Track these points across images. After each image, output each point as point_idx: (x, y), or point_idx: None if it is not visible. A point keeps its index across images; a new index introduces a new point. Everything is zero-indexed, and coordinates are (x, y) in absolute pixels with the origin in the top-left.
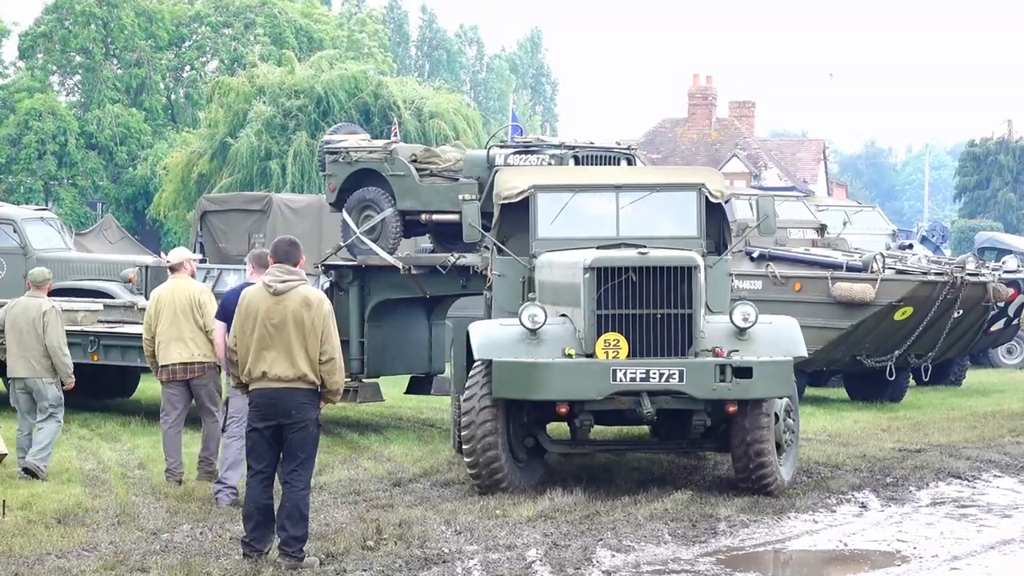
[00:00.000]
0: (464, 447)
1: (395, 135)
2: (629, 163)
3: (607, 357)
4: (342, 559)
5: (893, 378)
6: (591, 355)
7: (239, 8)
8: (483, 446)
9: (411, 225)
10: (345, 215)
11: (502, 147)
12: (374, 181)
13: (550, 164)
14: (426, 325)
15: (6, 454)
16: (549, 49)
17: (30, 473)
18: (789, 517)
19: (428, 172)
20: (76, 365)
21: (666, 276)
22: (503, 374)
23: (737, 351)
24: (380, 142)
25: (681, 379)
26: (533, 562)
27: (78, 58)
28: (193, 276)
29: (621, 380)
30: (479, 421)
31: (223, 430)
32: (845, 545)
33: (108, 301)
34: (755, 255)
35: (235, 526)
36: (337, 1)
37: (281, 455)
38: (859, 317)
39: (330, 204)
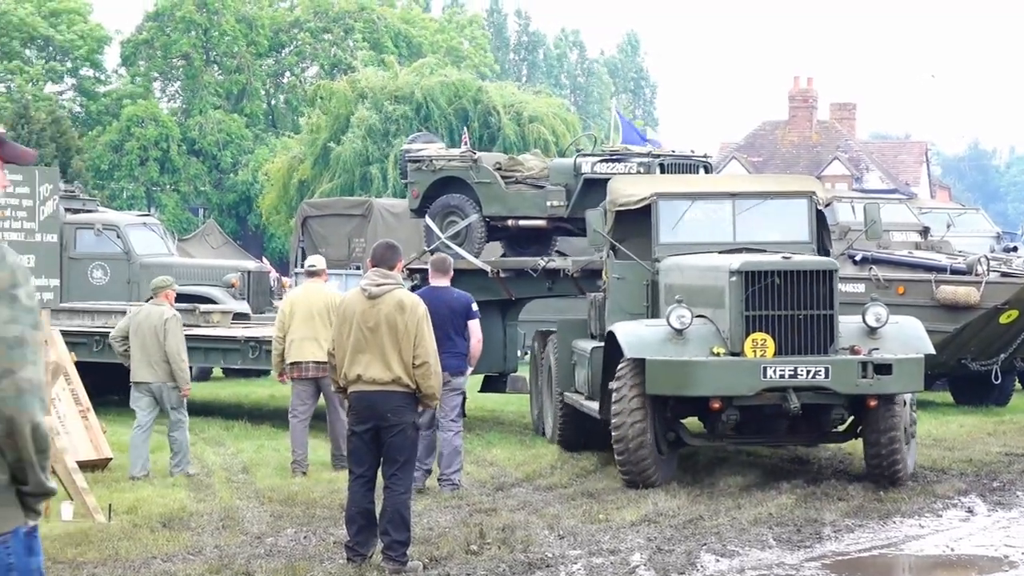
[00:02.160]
0: (615, 443)
1: (465, 143)
2: (706, 170)
3: (755, 355)
4: (445, 563)
5: (999, 382)
6: (737, 353)
7: (338, 14)
8: (634, 443)
9: (492, 230)
10: (429, 221)
11: (588, 156)
12: (457, 188)
13: (638, 172)
14: (501, 326)
15: (111, 458)
16: (648, 53)
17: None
18: (895, 522)
19: (513, 179)
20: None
21: (808, 279)
22: (657, 372)
23: (877, 348)
24: (456, 151)
25: (826, 375)
26: (637, 567)
27: (179, 64)
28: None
29: (771, 377)
30: (629, 418)
31: (428, 427)
32: (952, 550)
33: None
34: (858, 258)
35: (339, 530)
36: (437, 5)
37: (381, 459)
38: (963, 320)
39: (412, 210)
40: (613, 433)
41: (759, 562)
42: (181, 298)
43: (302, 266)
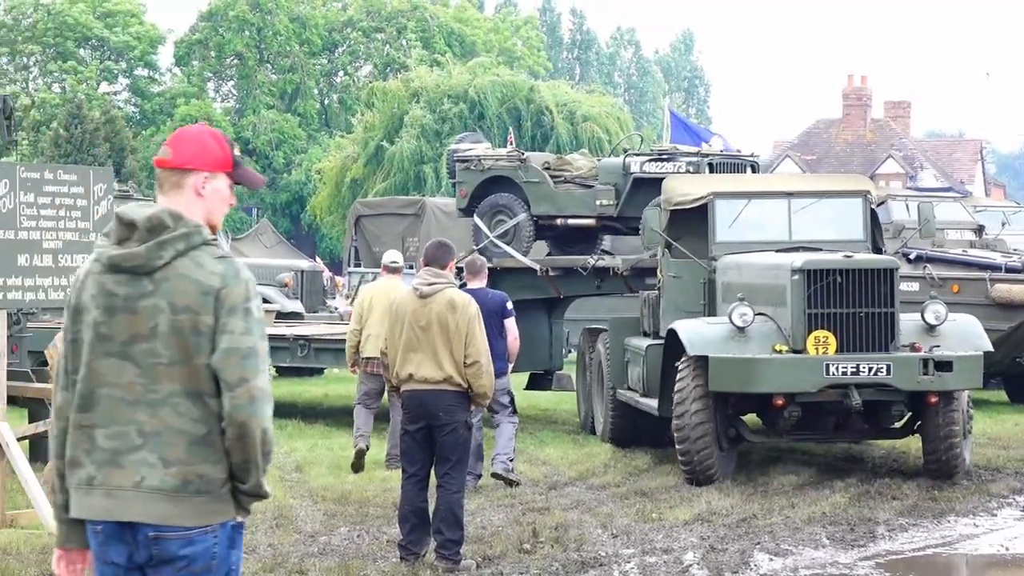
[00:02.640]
0: (677, 440)
1: (511, 143)
2: (753, 170)
3: (817, 353)
4: (499, 562)
5: None
6: (800, 351)
7: (391, 13)
8: (697, 439)
9: (540, 229)
10: (477, 220)
11: (637, 155)
12: (506, 187)
13: (687, 171)
14: (547, 324)
15: None
16: (702, 51)
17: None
18: (949, 521)
19: (562, 179)
20: None
21: (870, 278)
22: (721, 369)
23: (939, 346)
24: (502, 150)
25: (888, 372)
26: (690, 566)
27: (232, 64)
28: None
29: (833, 374)
30: (692, 415)
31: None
32: (1006, 549)
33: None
34: (912, 256)
35: (392, 529)
36: (490, 5)
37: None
38: (1019, 319)
39: (459, 209)
40: (676, 430)
41: (812, 561)
42: None
43: (355, 265)
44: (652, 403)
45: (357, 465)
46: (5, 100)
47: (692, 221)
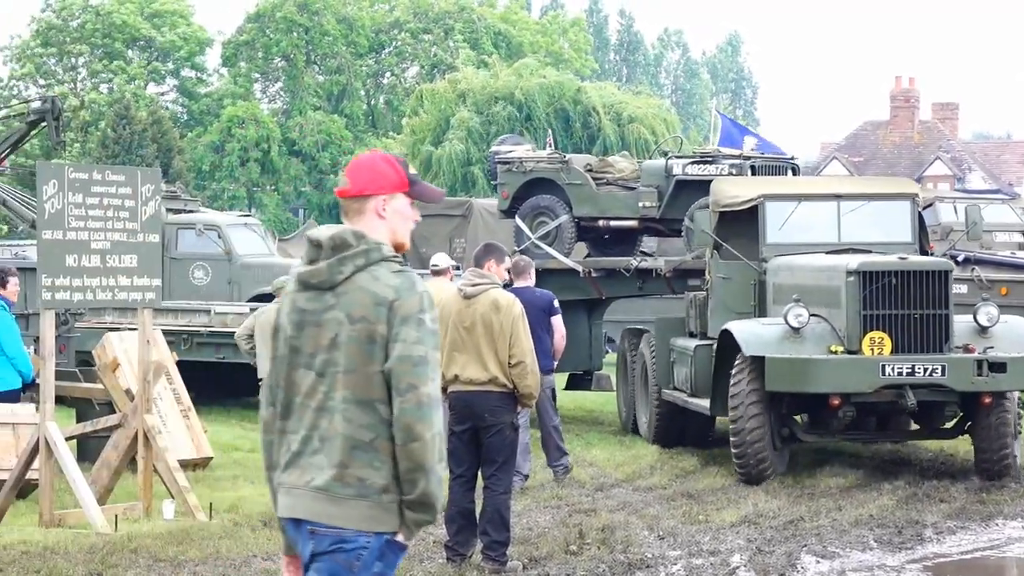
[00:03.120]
0: (732, 439)
1: (550, 145)
2: (794, 172)
3: (873, 354)
4: (545, 563)
5: None
6: (855, 352)
7: (438, 14)
8: (752, 438)
9: (581, 230)
10: (519, 221)
11: (680, 157)
12: (547, 189)
13: (730, 173)
14: (587, 325)
15: (212, 457)
16: (749, 52)
17: None
18: (997, 524)
19: (604, 181)
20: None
21: (924, 279)
22: (777, 369)
23: (992, 347)
24: (543, 152)
25: (943, 373)
26: (737, 568)
27: (279, 65)
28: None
29: (889, 375)
30: (747, 414)
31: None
32: None
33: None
34: (960, 259)
35: (438, 530)
36: (536, 6)
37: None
38: None
39: (501, 211)
40: (732, 430)
41: (860, 564)
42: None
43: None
44: (702, 403)
45: None
46: (54, 101)
47: (741, 223)
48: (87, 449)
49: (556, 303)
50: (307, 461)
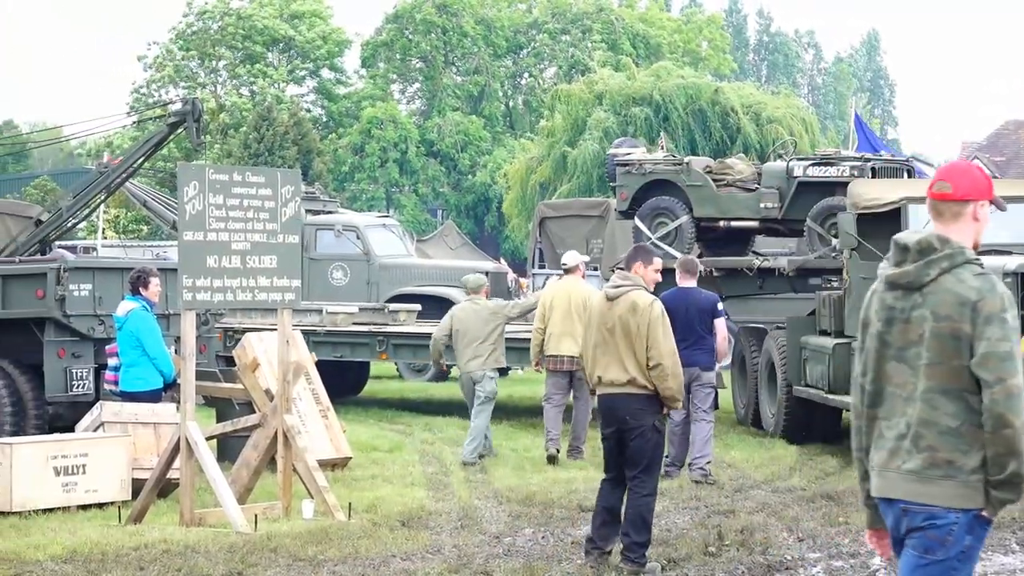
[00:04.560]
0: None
1: (662, 146)
2: (909, 174)
3: None
4: (684, 565)
5: None
6: None
7: (577, 15)
8: None
9: (700, 231)
10: (638, 222)
11: (801, 159)
12: (666, 190)
13: (851, 175)
14: None
15: (351, 457)
16: (887, 52)
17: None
18: None
19: (724, 182)
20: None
21: None
22: None
23: None
24: (659, 154)
25: None
26: (877, 571)
27: (418, 66)
28: (584, 278)
29: None
30: None
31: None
32: None
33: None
34: None
35: (576, 530)
36: (676, 5)
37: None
38: None
39: (619, 212)
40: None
41: (1002, 567)
42: (419, 299)
43: (539, 266)
44: (842, 400)
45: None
46: (195, 103)
47: (879, 225)
48: (227, 449)
49: (720, 305)
50: (899, 445)
